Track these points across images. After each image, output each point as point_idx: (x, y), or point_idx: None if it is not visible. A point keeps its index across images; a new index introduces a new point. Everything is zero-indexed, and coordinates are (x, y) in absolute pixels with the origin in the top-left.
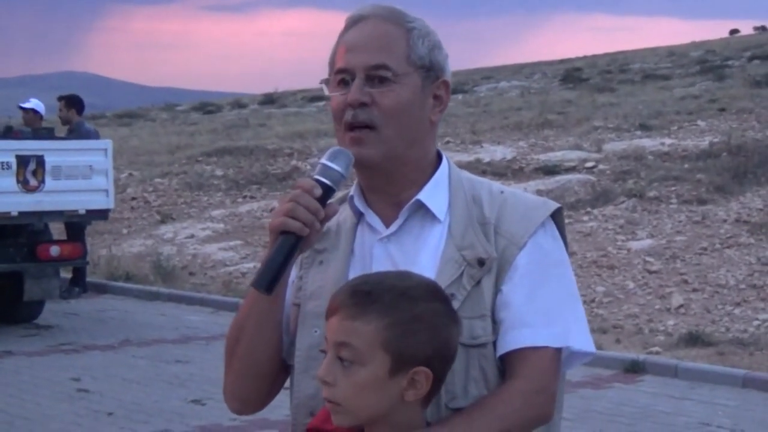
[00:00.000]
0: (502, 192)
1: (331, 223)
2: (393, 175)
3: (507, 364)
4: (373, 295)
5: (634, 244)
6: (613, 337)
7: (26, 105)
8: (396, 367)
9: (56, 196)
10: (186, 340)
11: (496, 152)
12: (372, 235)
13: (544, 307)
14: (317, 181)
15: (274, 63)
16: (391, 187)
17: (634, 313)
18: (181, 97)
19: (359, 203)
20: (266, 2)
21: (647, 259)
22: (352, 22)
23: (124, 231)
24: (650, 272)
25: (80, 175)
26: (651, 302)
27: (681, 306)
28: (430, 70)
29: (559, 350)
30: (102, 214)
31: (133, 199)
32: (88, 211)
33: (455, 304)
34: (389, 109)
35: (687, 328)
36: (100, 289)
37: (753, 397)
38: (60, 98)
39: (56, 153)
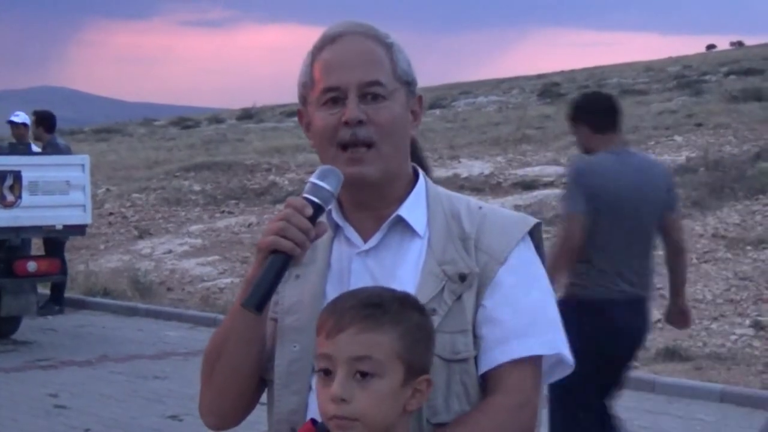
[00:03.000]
0: (480, 207)
1: None
2: (384, 191)
3: (489, 379)
4: (384, 306)
5: None
6: None
7: (17, 119)
8: (407, 376)
9: (33, 212)
10: (164, 355)
11: (473, 167)
12: (349, 249)
13: (529, 319)
14: (308, 200)
15: (252, 78)
16: (377, 202)
17: None
18: (159, 112)
19: (337, 217)
20: (246, 18)
21: None
22: (329, 40)
23: (102, 246)
24: None
25: (57, 191)
26: None
27: (658, 321)
28: (411, 85)
29: (539, 365)
30: (79, 230)
31: (111, 214)
32: (66, 227)
33: (436, 319)
34: (385, 125)
35: (664, 343)
36: (78, 305)
37: (730, 411)
38: (34, 113)
39: (33, 168)
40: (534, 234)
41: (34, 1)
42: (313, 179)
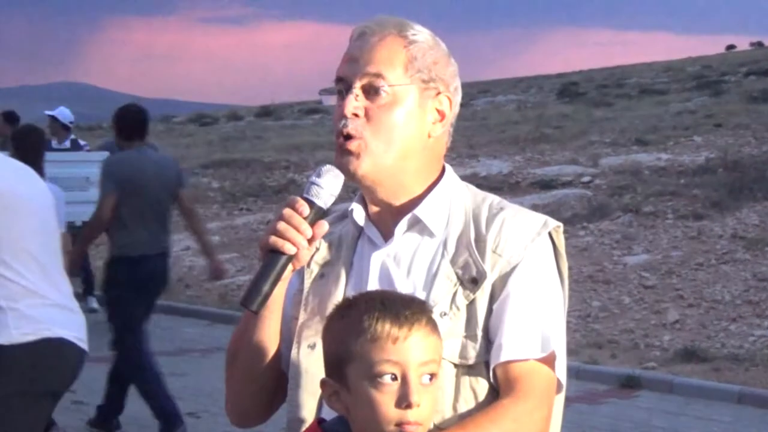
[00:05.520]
0: (502, 209)
1: (334, 237)
2: (385, 187)
3: (500, 381)
4: (429, 309)
5: (630, 259)
6: (608, 352)
7: (50, 112)
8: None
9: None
10: (182, 352)
11: (492, 166)
12: (371, 248)
13: (531, 322)
14: (306, 199)
15: (270, 75)
16: (387, 199)
17: (629, 328)
18: (178, 109)
19: (359, 216)
20: (264, 15)
21: (643, 274)
22: (354, 37)
23: None
24: (646, 287)
25: (77, 187)
26: (647, 317)
27: (677, 321)
28: (431, 82)
29: (550, 365)
30: None
31: None
32: (85, 223)
33: (447, 322)
34: (380, 120)
35: (682, 344)
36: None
37: (748, 413)
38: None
39: (53, 165)
40: (555, 236)
41: None
42: (312, 178)
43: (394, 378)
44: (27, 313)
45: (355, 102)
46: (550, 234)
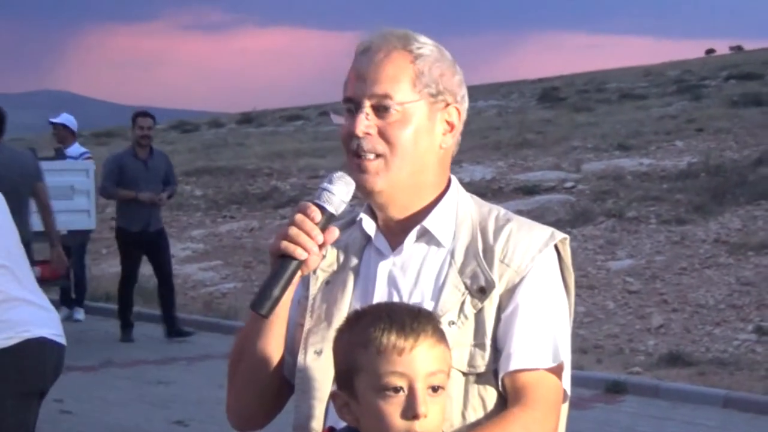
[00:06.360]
0: (508, 220)
1: (341, 244)
2: (399, 200)
3: (509, 390)
4: (436, 319)
5: (614, 264)
6: (594, 357)
7: (56, 120)
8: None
9: (38, 217)
10: (168, 360)
11: (475, 172)
12: (378, 257)
13: (545, 333)
14: (317, 205)
15: (251, 82)
16: (398, 211)
17: (614, 333)
18: (159, 116)
19: (368, 225)
20: (245, 21)
21: (627, 279)
22: (360, 51)
23: (104, 251)
24: (630, 292)
25: (62, 196)
26: (631, 322)
27: (661, 326)
28: (438, 95)
29: (558, 375)
30: (84, 235)
31: (113, 218)
32: (70, 232)
33: (455, 331)
34: (393, 138)
35: (667, 348)
36: None
37: (734, 417)
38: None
39: None
40: (562, 248)
41: (34, 4)
42: (323, 184)
43: (401, 389)
44: (5, 318)
45: (366, 121)
46: (556, 246)
